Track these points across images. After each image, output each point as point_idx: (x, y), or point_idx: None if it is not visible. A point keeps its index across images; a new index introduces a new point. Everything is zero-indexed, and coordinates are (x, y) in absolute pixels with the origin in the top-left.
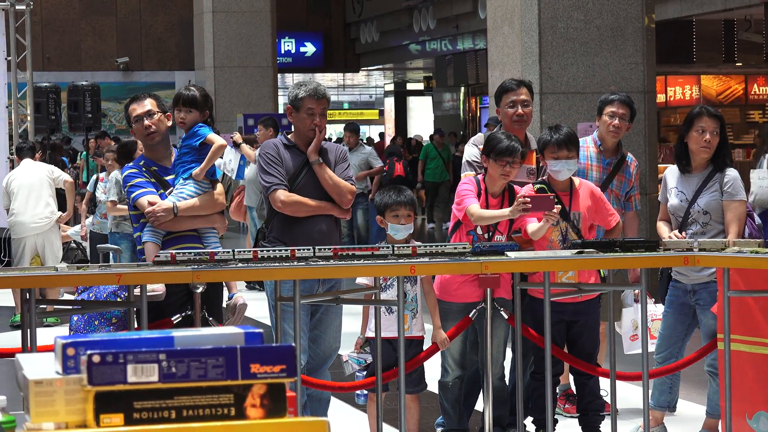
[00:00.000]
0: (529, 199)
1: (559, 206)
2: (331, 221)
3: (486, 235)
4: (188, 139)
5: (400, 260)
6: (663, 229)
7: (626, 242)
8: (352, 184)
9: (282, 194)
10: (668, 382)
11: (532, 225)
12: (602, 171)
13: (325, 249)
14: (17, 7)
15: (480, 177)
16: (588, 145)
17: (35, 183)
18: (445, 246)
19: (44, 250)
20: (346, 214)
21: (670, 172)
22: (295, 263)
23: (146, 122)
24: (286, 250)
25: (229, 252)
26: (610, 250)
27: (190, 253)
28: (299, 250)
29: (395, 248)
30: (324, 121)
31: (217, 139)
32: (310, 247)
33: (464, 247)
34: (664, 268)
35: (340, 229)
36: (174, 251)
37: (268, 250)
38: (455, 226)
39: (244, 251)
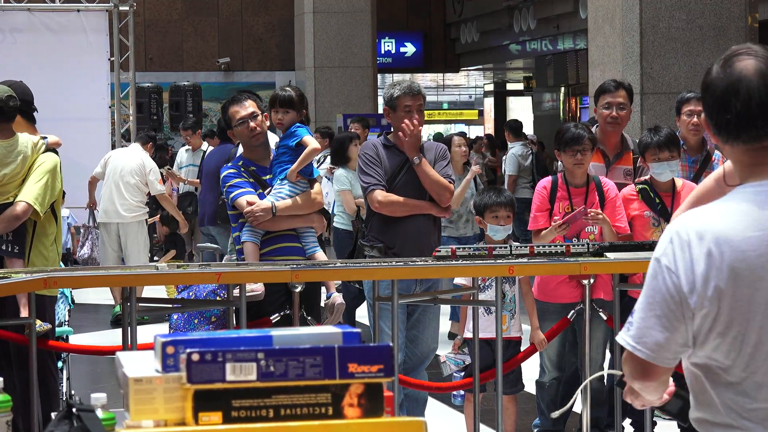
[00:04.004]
0: (563, 224)
1: (598, 211)
2: (429, 220)
3: None
4: (285, 139)
5: (498, 261)
6: None
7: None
8: (450, 182)
9: (379, 194)
10: None
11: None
12: (688, 170)
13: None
14: (120, 8)
15: (559, 175)
16: None
17: (126, 170)
18: (542, 246)
19: (126, 246)
20: (445, 212)
21: None
22: (394, 263)
23: (251, 124)
24: (562, 245)
25: (506, 247)
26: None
27: (469, 248)
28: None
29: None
30: (422, 117)
31: (311, 142)
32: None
33: (561, 247)
34: None
35: (440, 227)
36: (454, 246)
37: (543, 246)
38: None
39: (521, 246)
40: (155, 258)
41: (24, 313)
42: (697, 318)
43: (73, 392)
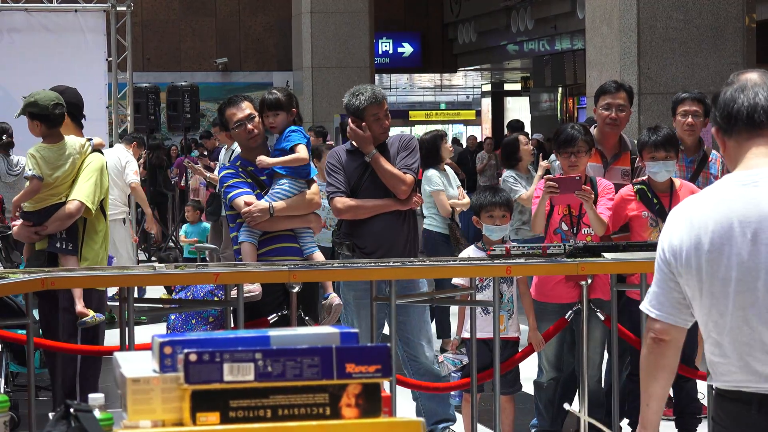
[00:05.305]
0: (556, 183)
1: (589, 189)
2: (396, 216)
3: (573, 230)
4: (281, 143)
5: (496, 261)
6: None
7: (630, 245)
8: (407, 173)
9: (338, 202)
10: None
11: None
12: (686, 170)
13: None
14: (118, 8)
15: (557, 175)
16: None
17: None
18: (539, 247)
19: None
20: (406, 204)
21: None
22: (392, 263)
23: (249, 126)
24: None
25: (559, 246)
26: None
27: (523, 246)
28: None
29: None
30: (389, 119)
31: (301, 151)
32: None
33: (559, 248)
34: None
35: (411, 221)
36: (509, 245)
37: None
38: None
39: (575, 244)
40: (152, 258)
41: (79, 306)
42: (679, 283)
43: None
